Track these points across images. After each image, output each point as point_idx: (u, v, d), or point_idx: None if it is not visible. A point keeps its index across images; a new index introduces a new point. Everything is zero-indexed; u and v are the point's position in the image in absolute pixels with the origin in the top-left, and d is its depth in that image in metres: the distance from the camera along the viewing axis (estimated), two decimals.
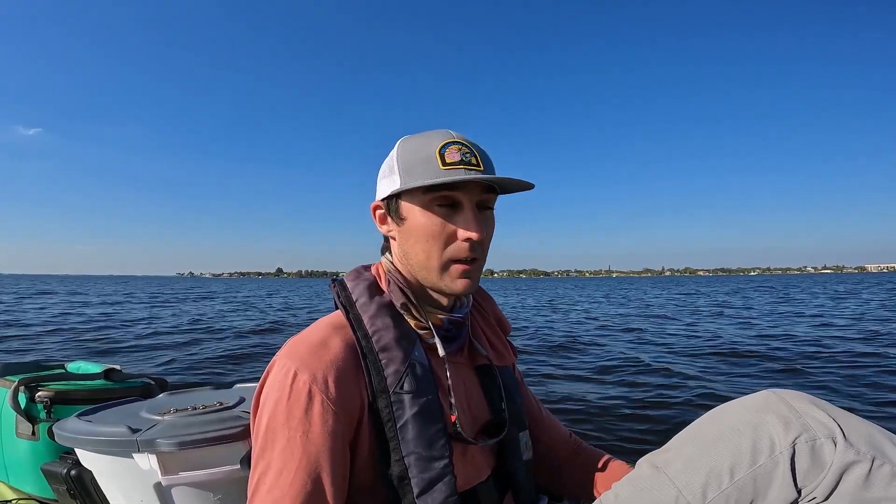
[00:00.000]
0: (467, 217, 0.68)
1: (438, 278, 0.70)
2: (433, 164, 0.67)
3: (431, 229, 0.68)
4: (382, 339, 0.66)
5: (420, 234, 0.69)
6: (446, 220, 0.68)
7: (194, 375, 4.26)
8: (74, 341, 6.25)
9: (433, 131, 0.71)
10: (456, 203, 0.68)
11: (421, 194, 0.68)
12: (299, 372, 0.62)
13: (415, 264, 0.71)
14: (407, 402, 0.64)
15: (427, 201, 0.68)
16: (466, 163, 0.67)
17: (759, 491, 0.58)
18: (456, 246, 0.68)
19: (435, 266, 0.69)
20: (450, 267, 0.69)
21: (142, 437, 0.83)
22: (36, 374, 1.13)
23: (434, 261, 0.69)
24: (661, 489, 0.63)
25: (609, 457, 0.89)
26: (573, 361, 4.86)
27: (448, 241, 0.68)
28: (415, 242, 0.69)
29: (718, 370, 4.31)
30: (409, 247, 0.70)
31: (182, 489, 0.87)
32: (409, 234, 0.70)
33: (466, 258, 0.69)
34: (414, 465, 0.63)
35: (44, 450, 1.08)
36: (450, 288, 0.70)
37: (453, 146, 0.68)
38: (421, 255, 0.69)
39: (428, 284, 0.72)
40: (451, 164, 0.66)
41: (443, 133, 0.70)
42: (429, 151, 0.68)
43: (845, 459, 0.55)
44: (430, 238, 0.68)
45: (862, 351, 5.09)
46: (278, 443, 0.60)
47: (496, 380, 0.80)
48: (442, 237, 0.68)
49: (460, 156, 0.67)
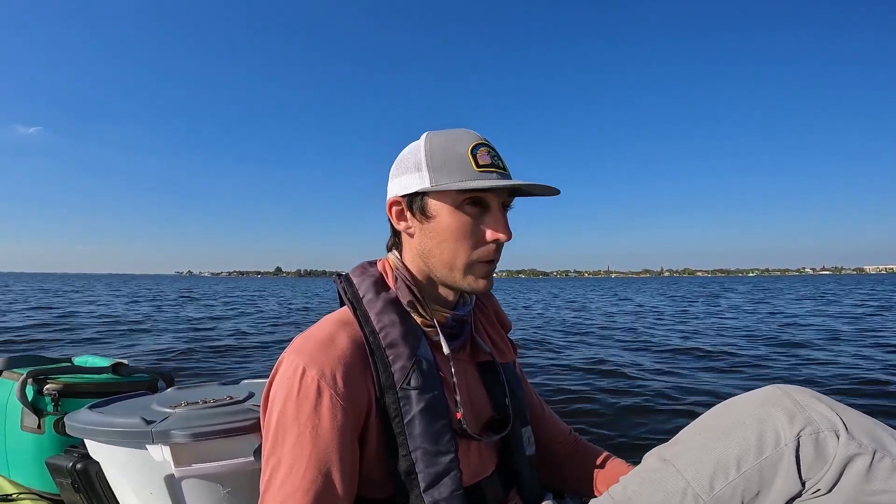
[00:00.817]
0: (496, 219, 0.70)
1: (462, 277, 0.71)
2: (467, 165, 0.68)
3: (462, 229, 0.69)
4: (389, 336, 0.68)
5: (449, 234, 0.70)
6: (476, 220, 0.70)
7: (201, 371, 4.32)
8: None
9: (458, 130, 0.72)
10: (485, 204, 0.70)
11: (454, 194, 0.69)
12: (308, 368, 0.63)
13: (437, 263, 0.72)
14: (414, 397, 0.65)
15: (459, 201, 0.69)
16: (496, 166, 0.69)
17: (765, 482, 0.61)
18: (484, 247, 0.70)
19: (461, 265, 0.70)
20: (475, 267, 0.71)
21: (156, 428, 0.84)
22: (44, 367, 1.13)
23: (461, 260, 0.70)
24: (670, 481, 0.65)
25: (608, 454, 0.91)
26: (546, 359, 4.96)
27: (477, 242, 0.70)
28: (442, 241, 0.70)
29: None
30: (435, 245, 0.71)
31: (193, 481, 0.87)
32: (435, 232, 0.71)
33: (492, 259, 0.71)
34: (421, 459, 0.65)
35: (49, 444, 1.07)
36: (472, 287, 0.72)
37: (482, 148, 0.70)
38: (448, 253, 0.70)
39: (448, 282, 0.73)
40: (483, 166, 0.68)
41: (469, 133, 0.71)
42: (460, 151, 0.69)
43: (848, 452, 0.58)
44: (459, 238, 0.69)
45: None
46: (288, 439, 0.62)
47: (499, 376, 0.81)
48: (472, 238, 0.70)
49: (490, 158, 0.69)
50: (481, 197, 0.69)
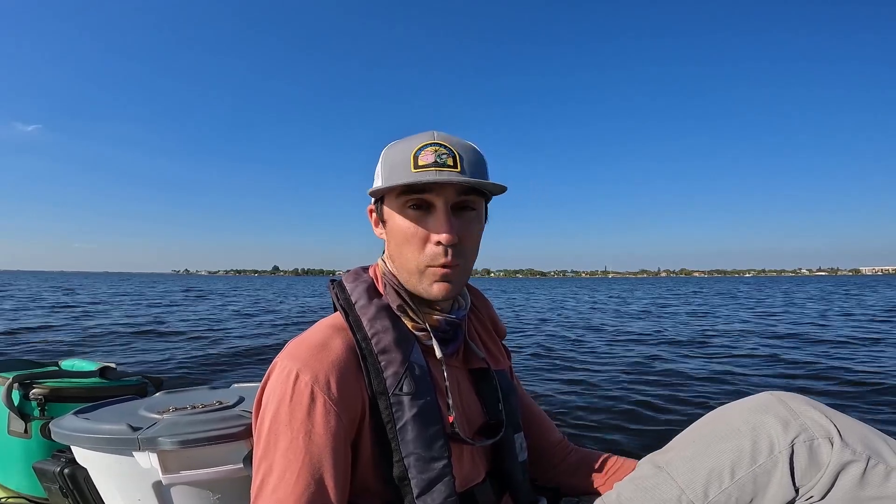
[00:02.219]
0: (439, 219, 0.67)
1: (417, 282, 0.70)
2: (406, 166, 0.67)
3: (405, 232, 0.68)
4: (381, 342, 0.67)
5: (398, 238, 0.69)
6: (418, 222, 0.68)
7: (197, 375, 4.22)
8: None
9: (419, 134, 0.70)
10: (429, 205, 0.68)
11: (395, 197, 0.68)
12: (301, 373, 0.62)
13: (399, 267, 0.72)
14: (406, 403, 0.65)
15: (401, 204, 0.68)
16: (441, 164, 0.66)
17: (759, 489, 0.60)
18: (430, 249, 0.68)
19: (413, 269, 0.69)
20: (426, 271, 0.69)
21: (143, 435, 0.83)
22: (30, 372, 1.11)
23: (411, 264, 0.69)
24: (664, 488, 0.64)
25: (605, 455, 0.90)
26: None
27: (422, 245, 0.68)
28: (395, 245, 0.70)
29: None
30: (392, 250, 0.72)
31: (182, 488, 0.86)
32: (391, 236, 0.71)
33: (442, 262, 0.67)
34: (414, 465, 0.64)
35: (36, 448, 1.06)
36: (428, 293, 0.69)
37: (429, 148, 0.67)
38: (400, 258, 0.70)
39: (410, 287, 0.71)
40: (422, 165, 0.66)
41: (426, 135, 0.69)
42: (406, 153, 0.68)
43: (841, 459, 0.57)
44: (405, 241, 0.68)
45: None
46: (281, 444, 0.61)
47: (492, 382, 0.81)
48: (415, 240, 0.68)
49: (434, 157, 0.66)
50: (422, 198, 0.67)
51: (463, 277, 0.71)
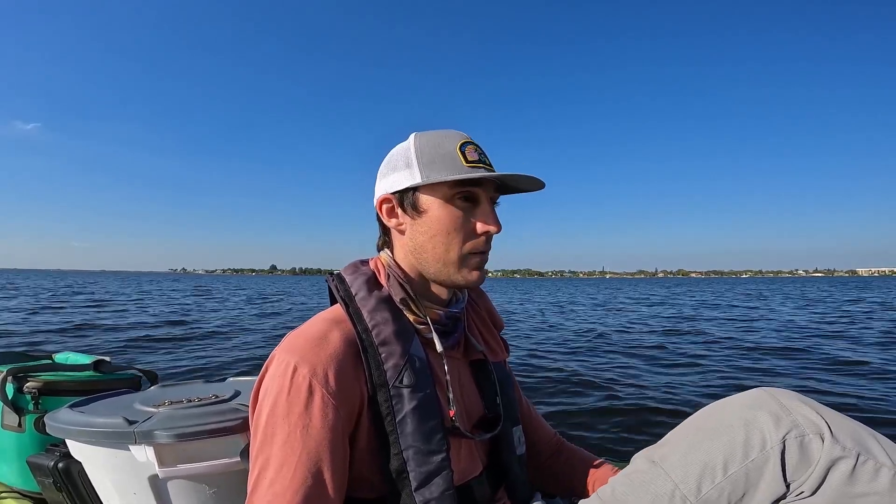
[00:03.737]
0: (486, 211, 0.72)
1: (456, 271, 0.73)
2: (457, 161, 0.70)
3: (454, 223, 0.71)
4: (382, 334, 0.67)
5: (441, 227, 0.71)
6: (467, 214, 0.71)
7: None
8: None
9: (446, 130, 0.74)
10: (475, 198, 0.72)
11: (445, 189, 0.70)
12: (299, 366, 0.62)
13: (430, 257, 0.73)
14: (406, 396, 0.65)
15: (450, 196, 0.71)
16: (484, 162, 0.72)
17: (751, 485, 0.61)
18: (475, 240, 0.72)
19: (454, 259, 0.72)
20: (468, 259, 0.72)
21: (139, 428, 0.82)
22: (23, 365, 1.10)
23: (454, 253, 0.71)
24: (658, 483, 0.65)
25: (592, 456, 0.92)
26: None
27: (468, 235, 0.72)
28: (434, 235, 0.72)
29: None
30: (427, 240, 0.72)
31: (178, 482, 0.86)
32: (426, 226, 0.72)
33: (484, 250, 0.73)
34: (412, 458, 0.64)
35: (30, 442, 1.06)
36: (466, 279, 0.73)
37: (470, 146, 0.72)
38: (440, 247, 0.72)
39: (441, 277, 0.74)
40: (472, 162, 0.71)
41: (456, 132, 0.74)
42: (450, 148, 0.71)
43: (832, 455, 0.58)
44: (451, 231, 0.71)
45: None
46: (278, 437, 0.61)
47: (491, 375, 0.81)
48: (463, 231, 0.71)
49: (478, 155, 0.72)
50: (472, 191, 0.71)
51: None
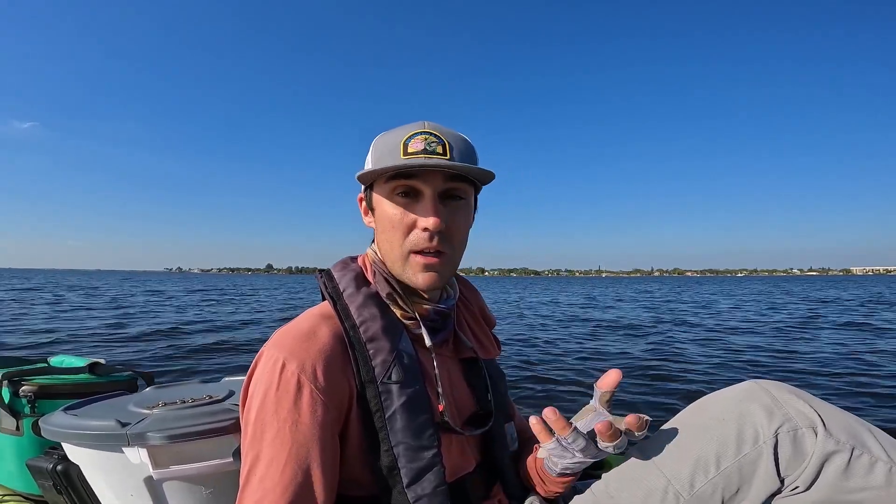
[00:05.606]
0: (426, 206, 0.67)
1: (402, 270, 0.70)
2: (396, 153, 0.67)
3: (392, 218, 0.69)
4: (370, 330, 0.67)
5: (385, 224, 0.70)
6: (406, 209, 0.68)
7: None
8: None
9: (411, 123, 0.71)
10: (416, 192, 0.68)
11: (384, 183, 0.69)
12: (287, 362, 0.62)
13: (385, 254, 0.72)
14: (395, 392, 0.64)
15: (389, 190, 0.68)
16: (430, 152, 0.67)
17: (745, 479, 0.60)
18: (415, 235, 0.68)
19: (398, 257, 0.70)
20: (410, 258, 0.69)
21: (131, 430, 0.82)
22: (18, 369, 1.10)
23: (396, 251, 0.69)
24: (651, 478, 0.64)
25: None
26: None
27: (408, 231, 0.68)
28: (381, 232, 0.71)
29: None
30: (380, 237, 0.72)
31: (173, 483, 0.86)
32: (378, 223, 0.72)
33: (427, 249, 0.68)
34: (403, 455, 0.64)
35: (28, 445, 1.06)
36: (412, 281, 0.70)
37: (419, 136, 0.68)
38: (386, 245, 0.71)
39: (397, 275, 0.72)
40: (412, 153, 0.67)
41: (416, 125, 0.70)
42: (396, 141, 0.69)
43: (826, 449, 0.57)
44: (391, 227, 0.69)
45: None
46: (267, 434, 0.60)
47: (481, 371, 0.81)
48: (402, 227, 0.68)
49: (424, 145, 0.67)
50: (409, 184, 0.67)
51: (449, 267, 0.71)
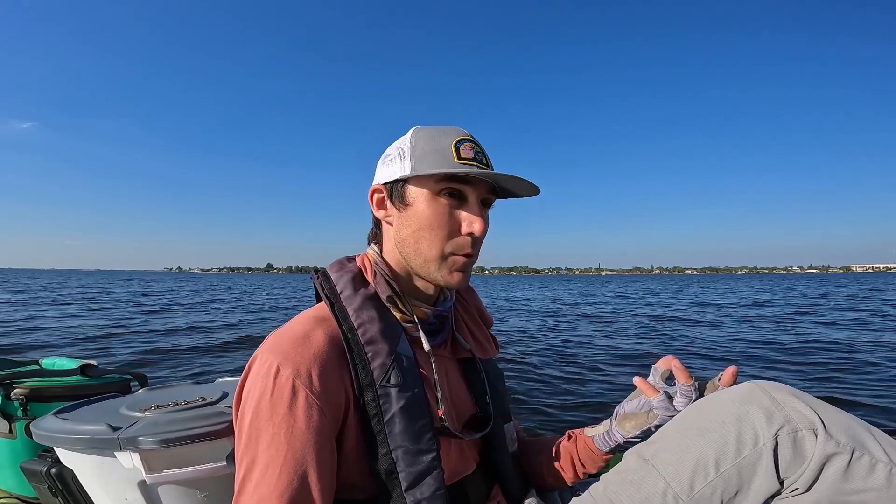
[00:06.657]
0: (473, 211, 0.69)
1: (436, 269, 0.70)
2: (448, 156, 0.68)
3: (437, 218, 0.68)
4: (368, 332, 0.65)
5: (424, 222, 0.69)
6: (452, 210, 0.69)
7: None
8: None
9: (447, 126, 0.72)
10: (463, 196, 0.69)
11: (432, 182, 0.68)
12: (282, 366, 0.60)
13: (412, 252, 0.71)
14: (394, 395, 0.63)
15: (437, 190, 0.68)
16: (479, 161, 0.69)
17: (744, 482, 0.59)
18: (458, 239, 0.69)
19: (434, 256, 0.69)
20: (448, 259, 0.70)
21: (123, 434, 0.81)
22: (9, 371, 1.09)
23: (434, 250, 0.69)
24: (650, 481, 0.64)
25: (559, 438, 0.88)
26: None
27: (451, 233, 0.69)
28: (417, 229, 0.69)
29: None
30: (410, 234, 0.70)
31: (168, 487, 0.85)
32: (411, 220, 0.70)
33: (467, 252, 0.70)
34: (402, 458, 0.63)
35: (22, 448, 1.05)
36: (445, 280, 0.70)
37: (467, 143, 0.69)
38: (422, 242, 0.69)
39: (422, 273, 0.71)
40: (465, 159, 0.68)
41: (457, 130, 0.71)
42: (444, 144, 0.69)
43: (826, 451, 0.56)
44: (434, 226, 0.68)
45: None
46: (262, 439, 0.59)
47: (480, 373, 0.80)
48: (446, 227, 0.69)
49: (473, 153, 0.69)
50: (459, 188, 0.68)
51: (471, 270, 0.73)
